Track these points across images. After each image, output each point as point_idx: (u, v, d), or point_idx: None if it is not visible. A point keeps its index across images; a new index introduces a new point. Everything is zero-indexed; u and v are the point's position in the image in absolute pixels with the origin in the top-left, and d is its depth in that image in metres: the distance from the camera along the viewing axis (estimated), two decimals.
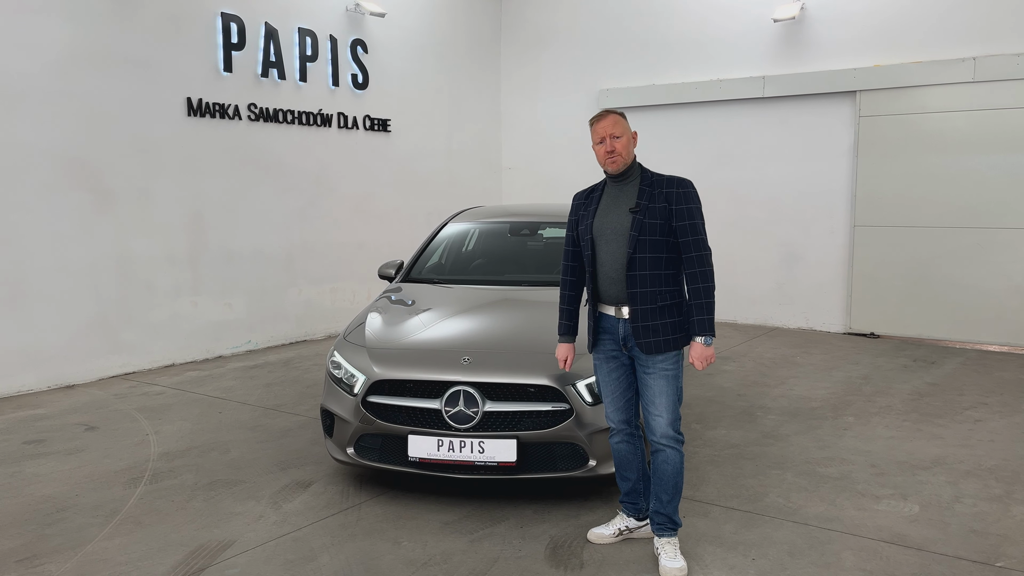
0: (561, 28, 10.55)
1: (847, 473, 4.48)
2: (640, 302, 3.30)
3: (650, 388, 3.35)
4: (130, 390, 6.34)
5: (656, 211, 3.30)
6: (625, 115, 3.43)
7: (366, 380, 3.99)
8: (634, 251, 3.29)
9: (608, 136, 3.33)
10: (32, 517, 3.90)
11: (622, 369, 3.47)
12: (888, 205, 8.46)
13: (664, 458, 3.36)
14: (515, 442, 3.77)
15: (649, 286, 3.29)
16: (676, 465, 3.37)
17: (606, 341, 3.47)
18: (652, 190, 3.34)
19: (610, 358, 3.47)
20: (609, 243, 3.37)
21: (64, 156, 6.38)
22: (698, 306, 3.28)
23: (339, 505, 4.04)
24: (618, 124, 3.34)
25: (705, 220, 3.37)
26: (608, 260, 3.37)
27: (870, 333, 8.63)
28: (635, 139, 3.41)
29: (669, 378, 3.33)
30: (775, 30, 8.93)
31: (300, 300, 8.45)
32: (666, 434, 3.34)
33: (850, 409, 5.77)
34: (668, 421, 3.33)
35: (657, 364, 3.32)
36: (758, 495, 4.16)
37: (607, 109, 3.45)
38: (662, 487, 3.39)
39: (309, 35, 8.28)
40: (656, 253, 3.30)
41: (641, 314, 3.29)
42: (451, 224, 5.99)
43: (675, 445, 3.35)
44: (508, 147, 11.19)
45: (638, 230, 3.29)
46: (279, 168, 8.12)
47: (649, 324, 3.29)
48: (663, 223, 3.29)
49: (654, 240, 3.29)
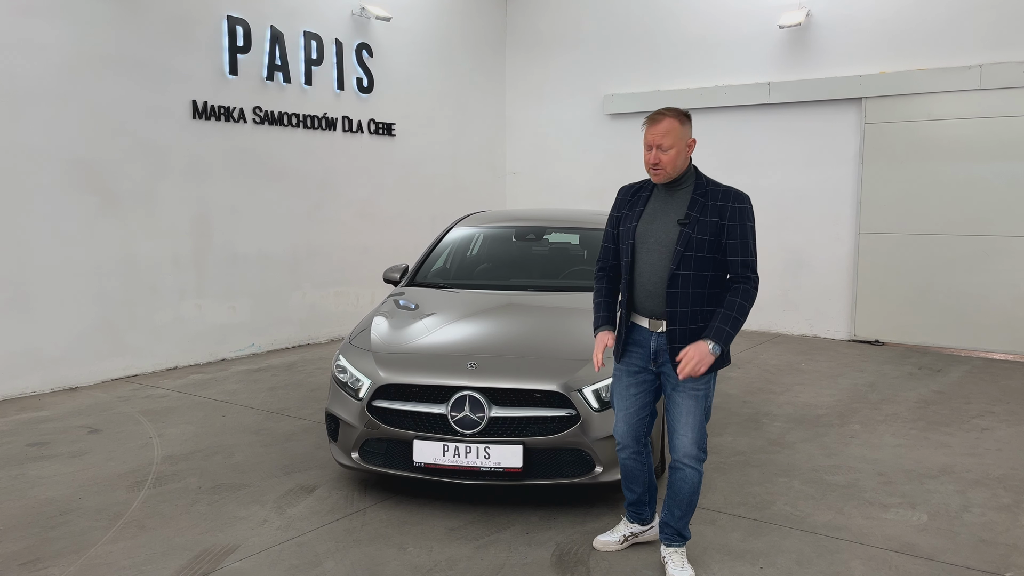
0: (566, 33, 10.55)
1: (854, 481, 4.46)
2: (680, 321, 3.09)
3: (677, 406, 3.18)
4: (134, 393, 6.33)
5: (707, 225, 3.06)
6: (686, 118, 3.10)
7: (371, 384, 3.97)
8: (678, 267, 3.07)
9: (655, 146, 3.06)
10: (35, 520, 3.88)
11: (643, 386, 3.30)
12: (893, 212, 8.44)
13: (682, 476, 3.22)
14: (521, 448, 3.74)
15: (691, 305, 3.07)
16: (694, 484, 3.22)
17: (634, 354, 3.29)
18: (705, 201, 3.09)
19: (633, 373, 3.30)
20: (651, 253, 3.15)
21: (69, 158, 6.37)
22: (725, 316, 3.03)
23: (344, 510, 4.01)
24: (670, 134, 3.03)
25: (756, 240, 3.12)
26: (648, 271, 3.15)
27: (875, 340, 8.60)
28: (692, 147, 3.12)
29: (699, 398, 3.15)
30: (781, 36, 8.93)
31: (304, 303, 8.44)
32: (688, 453, 3.18)
33: (856, 417, 5.74)
34: (692, 441, 3.16)
35: (688, 383, 3.14)
36: (765, 503, 4.13)
37: (664, 110, 3.10)
38: (676, 502, 3.28)
39: (315, 39, 8.28)
40: (701, 271, 3.07)
41: (680, 334, 3.09)
42: (456, 228, 5.97)
43: (695, 465, 3.19)
44: (512, 152, 11.19)
45: (684, 244, 3.06)
46: (284, 171, 8.11)
47: (687, 344, 3.08)
48: (712, 239, 3.05)
49: (700, 257, 3.06)
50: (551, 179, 10.82)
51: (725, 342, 3.06)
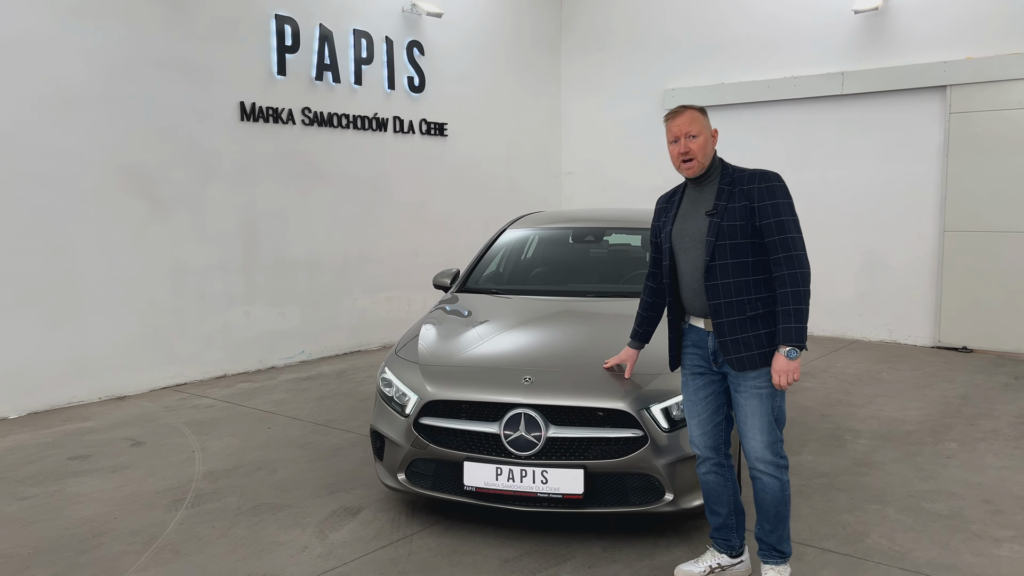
0: (624, 26, 10.13)
1: (958, 510, 3.96)
2: (726, 313, 2.95)
3: (742, 408, 3.01)
4: (180, 403, 6.16)
5: (736, 211, 2.95)
6: (705, 111, 3.07)
7: (418, 400, 3.66)
8: (712, 258, 2.96)
9: (683, 136, 2.99)
10: (68, 543, 3.67)
11: (711, 387, 3.11)
12: (982, 208, 7.80)
13: (761, 485, 3.02)
14: (582, 472, 3.39)
15: (734, 295, 2.94)
16: (775, 493, 2.99)
17: (694, 355, 3.15)
18: (732, 188, 2.99)
19: (696, 374, 3.15)
20: (688, 251, 3.07)
21: (117, 163, 6.25)
22: (784, 312, 2.87)
23: (389, 536, 3.71)
24: (695, 122, 2.99)
25: (798, 216, 2.96)
26: (688, 270, 3.07)
27: (962, 347, 7.96)
28: (715, 137, 3.06)
29: (763, 397, 2.95)
30: (855, 22, 8.36)
31: (355, 309, 8.22)
32: (761, 458, 2.97)
33: (951, 433, 5.21)
34: (763, 444, 2.96)
35: (749, 382, 2.97)
36: (857, 535, 3.68)
37: (683, 105, 3.09)
38: (762, 514, 3.06)
39: (364, 37, 8.06)
40: (739, 258, 2.94)
41: (728, 327, 2.95)
42: (509, 230, 5.65)
43: (772, 471, 2.98)
44: (568, 151, 10.81)
45: (715, 234, 2.96)
46: (334, 174, 7.90)
47: (738, 337, 2.94)
48: (744, 224, 2.94)
49: (735, 244, 2.94)
50: (607, 179, 10.41)
51: (798, 339, 2.86)
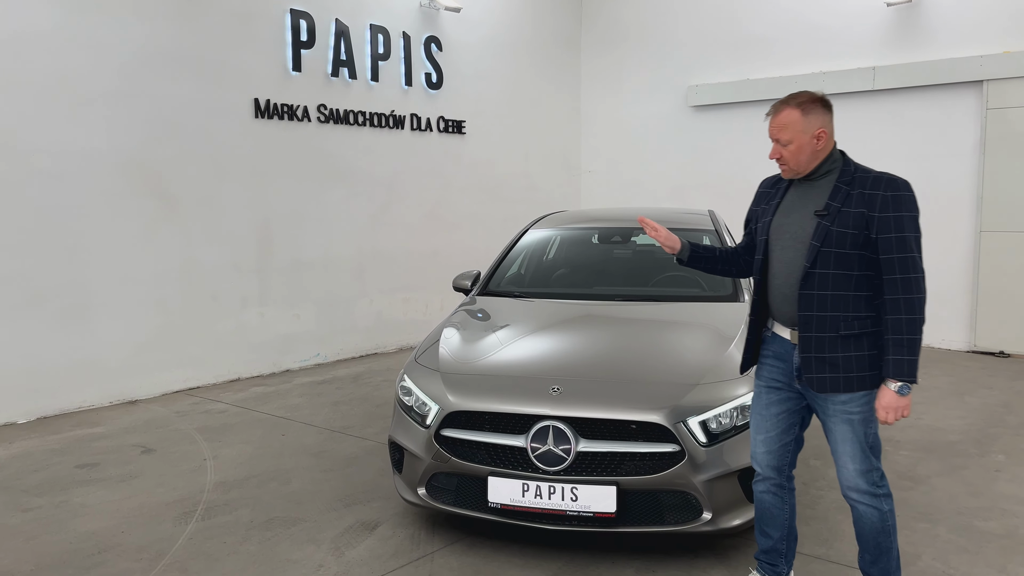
0: (646, 21, 9.88)
1: (1013, 529, 3.72)
2: (816, 328, 2.65)
3: (831, 433, 2.75)
4: (192, 407, 5.99)
5: (850, 217, 2.61)
6: (815, 105, 2.65)
7: (440, 411, 3.46)
8: (813, 265, 2.64)
9: (775, 140, 2.71)
10: (71, 559, 3.49)
11: (786, 404, 2.85)
12: (1020, 208, 7.50)
13: (857, 515, 2.77)
14: (614, 489, 3.17)
15: (829, 309, 2.64)
16: (873, 523, 2.74)
17: (773, 367, 2.87)
18: (851, 190, 2.64)
19: (772, 388, 2.87)
20: (786, 250, 2.75)
21: (129, 161, 6.09)
22: (896, 343, 2.54)
23: (408, 554, 3.51)
24: (788, 127, 2.64)
25: (922, 233, 2.61)
26: (782, 272, 2.76)
27: (1000, 352, 7.67)
28: (822, 139, 2.65)
29: (855, 423, 2.67)
30: (888, 15, 8.08)
31: (371, 311, 8.03)
32: (854, 487, 2.72)
33: (997, 445, 4.95)
34: (856, 472, 2.70)
35: (837, 406, 2.68)
36: (907, 556, 3.44)
37: (787, 98, 2.70)
38: (863, 544, 2.83)
39: (381, 32, 7.87)
40: (843, 269, 2.63)
41: (816, 343, 2.66)
42: (531, 231, 5.44)
43: (868, 501, 2.71)
44: (588, 149, 10.58)
45: (821, 239, 2.63)
46: (349, 172, 7.72)
47: (825, 356, 2.65)
48: (856, 233, 2.60)
49: (842, 254, 2.62)
50: (629, 177, 10.17)
51: (909, 373, 2.55)
